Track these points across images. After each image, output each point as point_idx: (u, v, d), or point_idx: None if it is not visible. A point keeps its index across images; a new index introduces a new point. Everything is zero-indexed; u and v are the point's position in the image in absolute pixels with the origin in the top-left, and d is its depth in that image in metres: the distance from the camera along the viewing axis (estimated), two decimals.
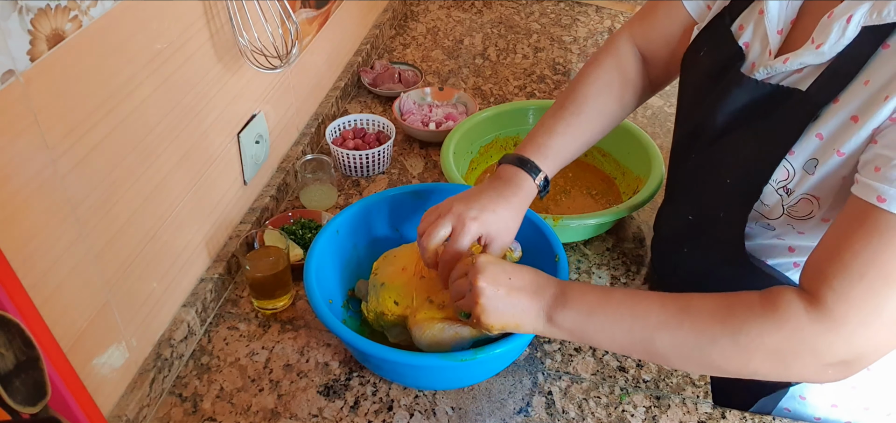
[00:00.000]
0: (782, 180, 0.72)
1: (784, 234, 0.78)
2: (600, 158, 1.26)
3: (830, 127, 0.67)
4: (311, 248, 0.92)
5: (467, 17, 1.86)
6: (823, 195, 0.70)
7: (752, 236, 0.81)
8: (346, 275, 0.99)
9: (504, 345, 0.79)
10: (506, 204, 0.82)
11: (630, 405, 0.87)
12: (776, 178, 0.72)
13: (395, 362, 0.81)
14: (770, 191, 0.73)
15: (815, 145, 0.69)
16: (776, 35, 0.74)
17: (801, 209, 0.73)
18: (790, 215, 0.74)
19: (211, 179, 0.98)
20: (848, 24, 0.65)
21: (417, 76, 1.53)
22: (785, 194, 0.72)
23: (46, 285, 0.68)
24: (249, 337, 0.96)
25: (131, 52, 0.76)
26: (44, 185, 0.66)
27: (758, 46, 0.77)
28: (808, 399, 0.88)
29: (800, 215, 0.73)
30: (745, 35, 0.79)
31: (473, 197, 0.82)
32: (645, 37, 0.95)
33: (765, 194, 0.74)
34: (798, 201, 0.72)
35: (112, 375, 0.81)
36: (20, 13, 0.60)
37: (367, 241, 1.02)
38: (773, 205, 0.74)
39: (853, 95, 0.66)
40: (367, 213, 1.01)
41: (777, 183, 0.72)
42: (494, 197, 0.83)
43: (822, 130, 0.68)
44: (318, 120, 1.33)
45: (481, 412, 0.86)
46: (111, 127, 0.74)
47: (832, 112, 0.67)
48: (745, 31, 0.79)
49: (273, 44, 1.03)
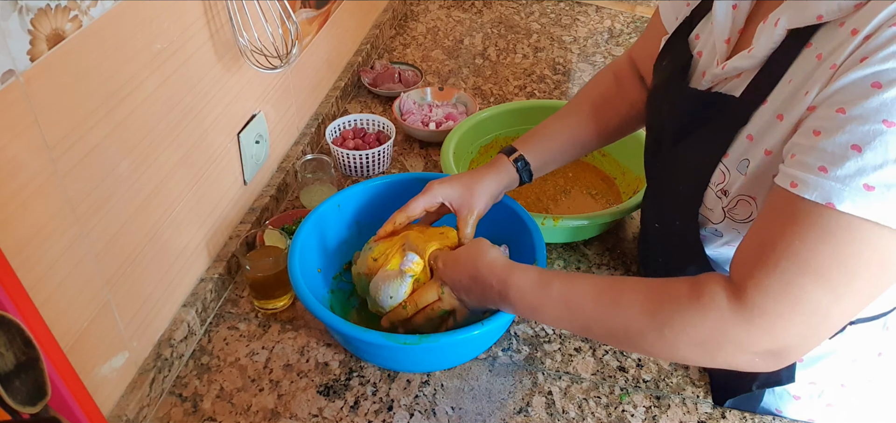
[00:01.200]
0: (719, 183, 0.74)
1: (732, 239, 0.79)
2: (600, 158, 1.26)
3: (758, 127, 0.69)
4: (306, 217, 0.97)
5: (467, 17, 1.86)
6: (758, 195, 0.72)
7: (707, 242, 0.83)
8: (344, 249, 1.03)
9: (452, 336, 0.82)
10: (473, 178, 0.92)
11: (630, 405, 0.87)
12: (714, 181, 0.74)
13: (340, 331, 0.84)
14: (710, 194, 0.75)
15: (745, 146, 0.70)
16: (723, 44, 0.76)
17: (740, 212, 0.74)
18: (731, 218, 0.75)
19: (211, 179, 0.98)
20: (775, 27, 0.67)
21: (417, 76, 1.53)
22: (723, 196, 0.74)
23: (46, 285, 0.68)
24: (249, 337, 0.96)
25: (131, 52, 0.76)
26: (44, 185, 0.66)
27: (708, 56, 0.80)
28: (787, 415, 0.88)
29: (740, 217, 0.75)
30: (699, 44, 0.82)
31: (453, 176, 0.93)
32: (641, 53, 1.00)
33: (707, 199, 0.76)
34: (736, 203, 0.73)
35: (112, 375, 0.81)
36: (20, 13, 0.60)
37: (370, 220, 1.03)
38: (714, 208, 0.76)
39: (778, 94, 0.67)
40: (374, 194, 1.03)
41: (716, 186, 0.74)
42: (466, 173, 0.93)
43: (752, 131, 0.70)
44: (318, 120, 1.33)
45: (481, 412, 0.86)
46: (111, 127, 0.74)
47: (760, 113, 0.69)
48: (700, 40, 0.82)
49: (273, 44, 1.03)
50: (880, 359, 0.84)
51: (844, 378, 0.85)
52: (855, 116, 0.56)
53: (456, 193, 0.90)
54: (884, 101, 0.55)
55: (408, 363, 0.90)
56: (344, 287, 1.01)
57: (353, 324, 0.83)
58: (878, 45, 0.56)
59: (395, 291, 0.86)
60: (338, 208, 1.01)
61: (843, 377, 0.85)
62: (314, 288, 0.92)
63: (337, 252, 1.02)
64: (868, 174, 0.55)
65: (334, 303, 0.98)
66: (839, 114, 0.58)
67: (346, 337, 0.86)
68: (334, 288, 1.00)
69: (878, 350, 0.83)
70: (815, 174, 0.58)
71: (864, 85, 0.56)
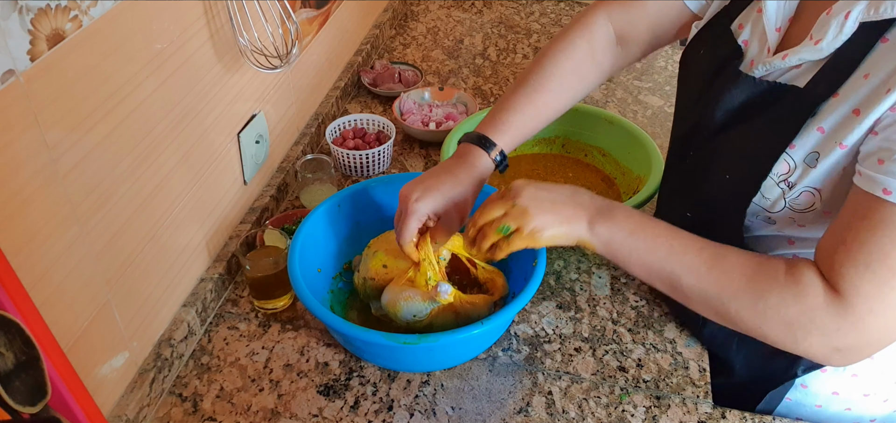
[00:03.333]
0: (783, 174, 0.73)
1: (784, 227, 0.79)
2: (600, 158, 1.26)
3: (831, 121, 0.69)
4: (306, 217, 0.97)
5: (467, 17, 1.86)
6: (824, 187, 0.72)
7: (751, 229, 0.82)
8: (344, 249, 1.03)
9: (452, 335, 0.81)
10: (453, 180, 0.84)
11: (630, 405, 0.87)
12: (777, 171, 0.73)
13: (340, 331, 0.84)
14: (771, 185, 0.74)
15: (816, 139, 0.70)
16: (774, 33, 0.75)
17: (802, 202, 0.74)
18: (792, 207, 0.75)
19: (211, 179, 0.98)
20: (846, 20, 0.66)
21: (417, 76, 1.53)
22: (787, 187, 0.73)
23: (46, 285, 0.68)
24: (249, 337, 0.96)
25: (131, 51, 0.76)
26: (44, 185, 0.66)
27: (756, 45, 0.78)
28: (810, 387, 0.88)
29: (801, 207, 0.74)
30: (744, 33, 0.80)
31: (422, 179, 0.84)
32: (629, 20, 0.94)
33: (765, 188, 0.75)
34: (800, 195, 0.73)
35: (112, 375, 0.81)
36: (20, 13, 0.60)
37: (370, 220, 1.03)
38: (775, 199, 0.75)
39: (853, 88, 0.67)
40: (374, 194, 1.03)
41: (778, 177, 0.73)
42: (442, 175, 0.84)
43: (823, 125, 0.69)
44: (318, 120, 1.33)
45: (481, 412, 0.86)
46: (111, 127, 0.74)
47: (832, 106, 0.68)
48: (744, 30, 0.80)
49: (273, 44, 1.03)
50: None
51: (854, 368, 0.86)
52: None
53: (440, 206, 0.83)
54: None
55: (408, 362, 0.90)
56: (344, 287, 1.01)
57: (352, 324, 0.83)
58: None
59: (419, 312, 0.86)
60: (338, 208, 1.01)
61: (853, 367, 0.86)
62: (314, 288, 0.92)
63: (337, 252, 1.02)
64: None
65: (334, 303, 0.98)
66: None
67: (345, 337, 0.87)
68: (334, 288, 1.00)
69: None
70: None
71: None
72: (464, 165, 0.86)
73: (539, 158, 1.29)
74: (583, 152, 1.28)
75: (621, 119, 1.24)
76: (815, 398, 0.89)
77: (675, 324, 0.98)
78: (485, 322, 0.82)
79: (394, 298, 0.87)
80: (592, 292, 1.02)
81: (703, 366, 0.92)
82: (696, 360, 0.93)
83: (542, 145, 1.30)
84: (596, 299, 1.01)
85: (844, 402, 0.88)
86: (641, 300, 1.01)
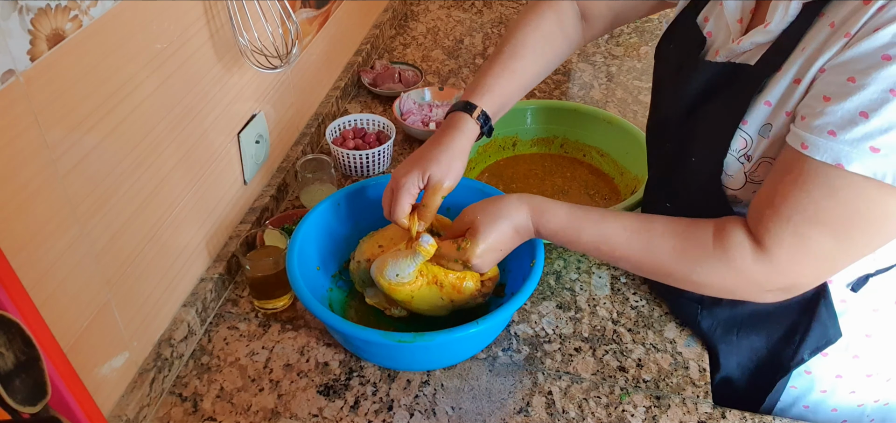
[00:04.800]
0: (741, 149, 0.77)
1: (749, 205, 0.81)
2: (599, 158, 1.26)
3: (776, 93, 0.73)
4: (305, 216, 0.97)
5: (467, 17, 1.86)
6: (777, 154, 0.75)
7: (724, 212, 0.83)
8: (343, 248, 1.03)
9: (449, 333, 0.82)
10: (440, 147, 0.88)
11: (630, 405, 0.87)
12: (735, 147, 0.77)
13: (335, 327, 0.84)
14: (732, 160, 0.78)
15: (765, 113, 0.74)
16: (736, 24, 0.80)
17: (761, 174, 0.77)
18: (751, 181, 0.79)
19: (211, 179, 0.98)
20: (790, 2, 0.72)
21: (417, 76, 1.53)
22: (746, 161, 0.78)
23: (46, 285, 0.68)
24: (249, 337, 0.96)
25: (131, 51, 0.76)
26: (44, 185, 0.66)
27: (721, 36, 0.83)
28: (814, 373, 0.88)
29: (760, 178, 0.78)
30: (708, 25, 0.86)
31: (412, 156, 0.89)
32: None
33: (727, 165, 0.79)
34: (758, 166, 0.77)
35: (112, 374, 0.81)
36: (20, 13, 0.60)
37: (370, 219, 1.03)
38: (736, 174, 0.79)
39: (793, 61, 0.72)
40: (373, 194, 1.03)
41: (737, 153, 0.78)
42: (430, 146, 0.90)
43: (769, 98, 0.74)
44: (318, 120, 1.33)
45: (481, 412, 0.86)
46: (111, 127, 0.74)
47: (776, 80, 0.73)
48: (709, 22, 0.86)
49: (273, 44, 1.03)
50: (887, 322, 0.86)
51: (868, 328, 0.86)
52: (864, 85, 0.63)
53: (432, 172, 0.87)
54: (892, 72, 0.61)
55: (406, 361, 0.90)
56: (343, 286, 1.01)
57: (351, 323, 0.83)
58: (890, 17, 0.62)
59: (403, 269, 0.87)
60: (337, 207, 1.01)
61: (867, 328, 0.86)
62: (313, 287, 0.92)
63: (336, 251, 1.02)
64: (874, 138, 0.62)
65: (333, 302, 0.98)
66: (850, 83, 0.64)
67: (344, 336, 0.87)
68: (333, 287, 1.00)
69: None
70: (825, 138, 0.65)
71: (874, 57, 0.63)
72: (451, 131, 0.91)
73: (538, 157, 1.29)
74: (581, 152, 1.28)
75: (620, 119, 1.24)
76: (820, 383, 0.89)
77: (676, 324, 0.98)
78: (481, 321, 0.82)
79: (380, 262, 0.89)
80: (592, 292, 1.02)
81: (703, 366, 0.92)
82: (696, 360, 0.93)
83: (541, 145, 1.30)
84: (596, 298, 1.02)
85: (849, 385, 0.89)
86: (641, 300, 1.01)
